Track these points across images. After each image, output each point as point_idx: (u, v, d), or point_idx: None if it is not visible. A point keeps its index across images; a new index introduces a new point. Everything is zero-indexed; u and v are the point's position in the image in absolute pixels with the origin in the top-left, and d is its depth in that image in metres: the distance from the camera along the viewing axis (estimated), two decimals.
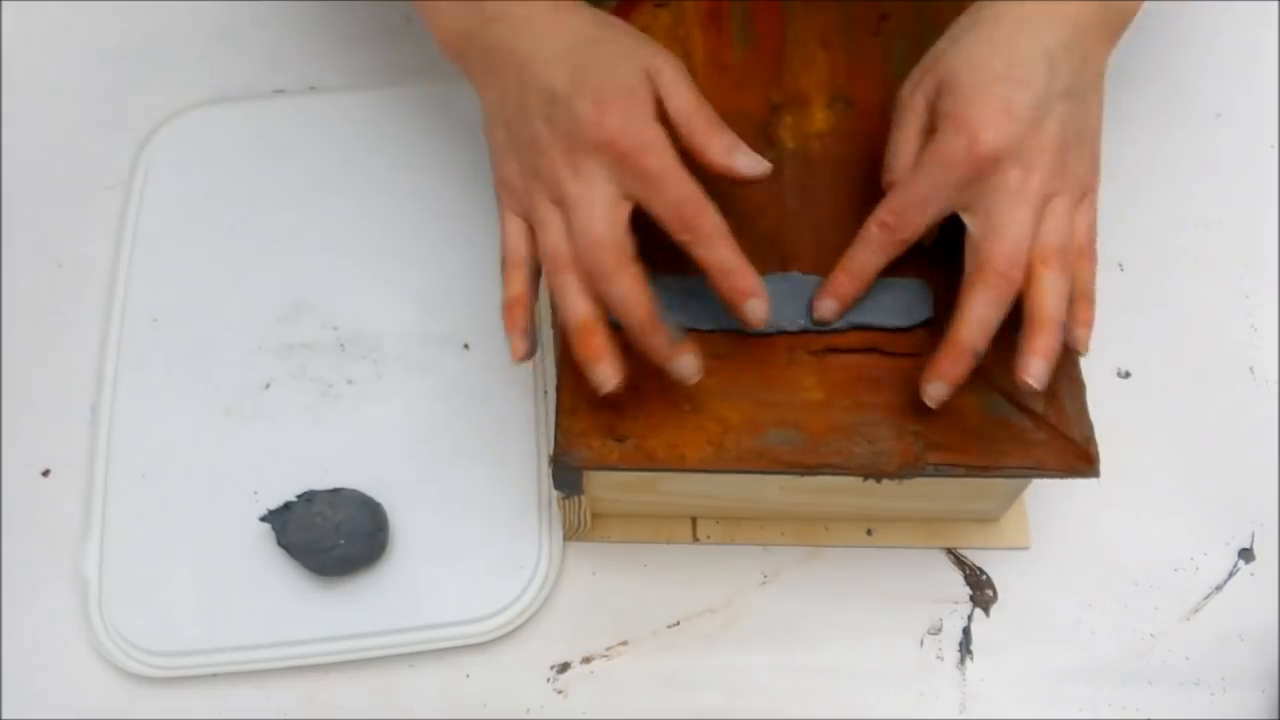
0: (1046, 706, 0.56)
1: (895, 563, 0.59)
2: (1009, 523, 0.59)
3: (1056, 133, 0.49)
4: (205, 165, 0.68)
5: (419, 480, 0.59)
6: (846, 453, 0.50)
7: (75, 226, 0.68)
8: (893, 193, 0.51)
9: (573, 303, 0.49)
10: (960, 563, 0.59)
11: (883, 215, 0.50)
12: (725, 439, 0.50)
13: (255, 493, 0.58)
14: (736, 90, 0.59)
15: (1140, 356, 0.64)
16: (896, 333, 0.53)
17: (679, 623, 0.58)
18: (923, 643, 0.57)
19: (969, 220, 0.49)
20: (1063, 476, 0.50)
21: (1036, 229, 0.49)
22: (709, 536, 0.59)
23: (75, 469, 0.60)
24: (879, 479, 0.51)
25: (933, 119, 0.50)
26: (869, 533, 0.59)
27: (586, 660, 0.57)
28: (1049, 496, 0.60)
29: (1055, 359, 0.48)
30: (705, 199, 0.48)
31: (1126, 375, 0.63)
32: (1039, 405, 0.51)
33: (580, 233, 0.48)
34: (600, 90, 0.48)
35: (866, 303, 0.53)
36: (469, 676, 0.56)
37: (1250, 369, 0.64)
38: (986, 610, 0.58)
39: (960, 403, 0.51)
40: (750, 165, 0.50)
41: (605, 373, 0.48)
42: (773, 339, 0.53)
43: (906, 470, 0.50)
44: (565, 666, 0.57)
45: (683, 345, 0.49)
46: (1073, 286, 0.50)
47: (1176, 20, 0.75)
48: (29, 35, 0.74)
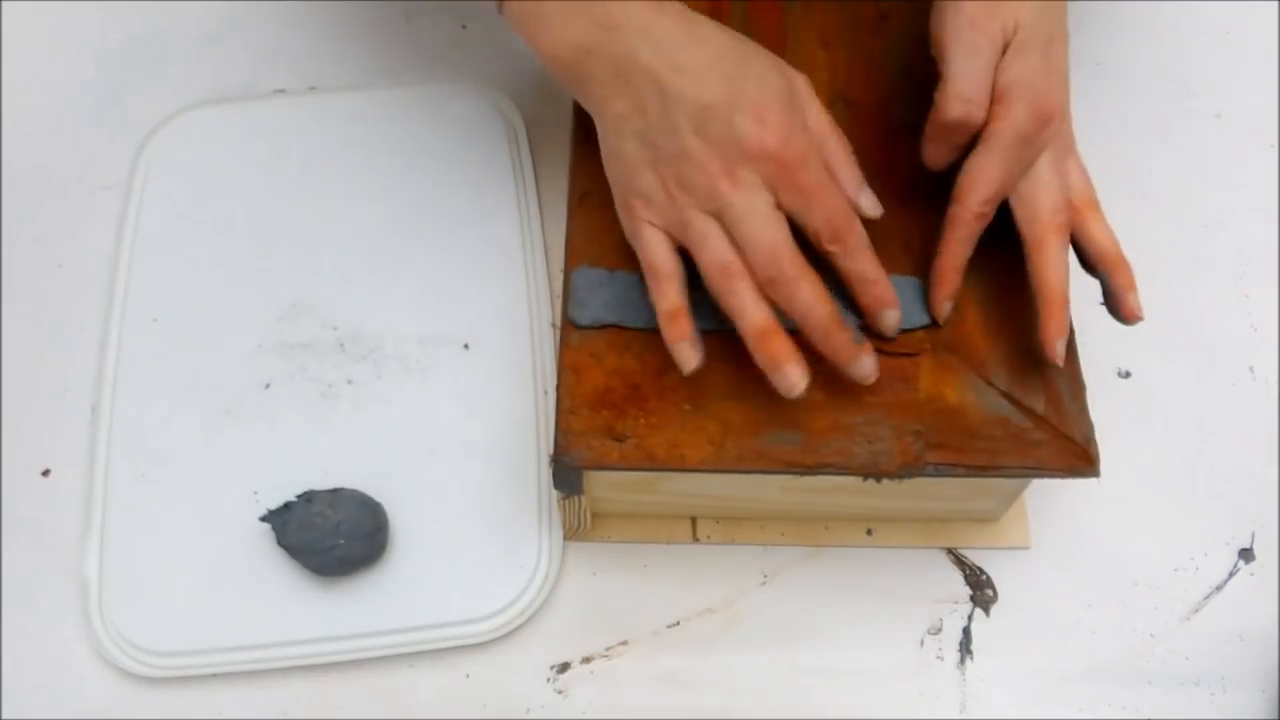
0: (1046, 706, 0.56)
1: (895, 563, 0.59)
2: (1009, 523, 0.59)
3: (1061, 80, 0.51)
4: (205, 165, 0.68)
5: (419, 480, 0.59)
6: (846, 453, 0.50)
7: (75, 226, 0.68)
8: (978, 180, 0.50)
9: (752, 310, 0.49)
10: (960, 563, 0.59)
11: (976, 207, 0.51)
12: (725, 439, 0.50)
13: (255, 493, 0.58)
14: None
15: (1140, 356, 0.64)
16: (896, 332, 0.53)
17: (679, 623, 0.58)
18: (923, 643, 0.57)
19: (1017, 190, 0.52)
20: (1063, 476, 0.50)
21: (1032, 187, 0.51)
22: (709, 536, 0.59)
23: (75, 469, 0.60)
24: (879, 479, 0.51)
25: (1001, 72, 0.50)
26: (869, 533, 0.59)
27: (586, 660, 0.57)
28: (1049, 496, 0.60)
29: (1066, 331, 0.51)
30: (853, 213, 0.50)
31: (1126, 375, 0.63)
32: (1039, 405, 0.51)
33: (756, 243, 0.48)
34: (759, 103, 0.48)
35: None
36: (469, 676, 0.56)
37: (1250, 369, 0.64)
38: (986, 610, 0.58)
39: (960, 403, 0.51)
40: (871, 206, 0.52)
41: (795, 375, 0.49)
42: None
43: (906, 470, 0.50)
44: (565, 666, 0.57)
45: (864, 345, 0.50)
46: (1103, 253, 0.52)
47: (1176, 20, 0.75)
48: (29, 35, 0.74)
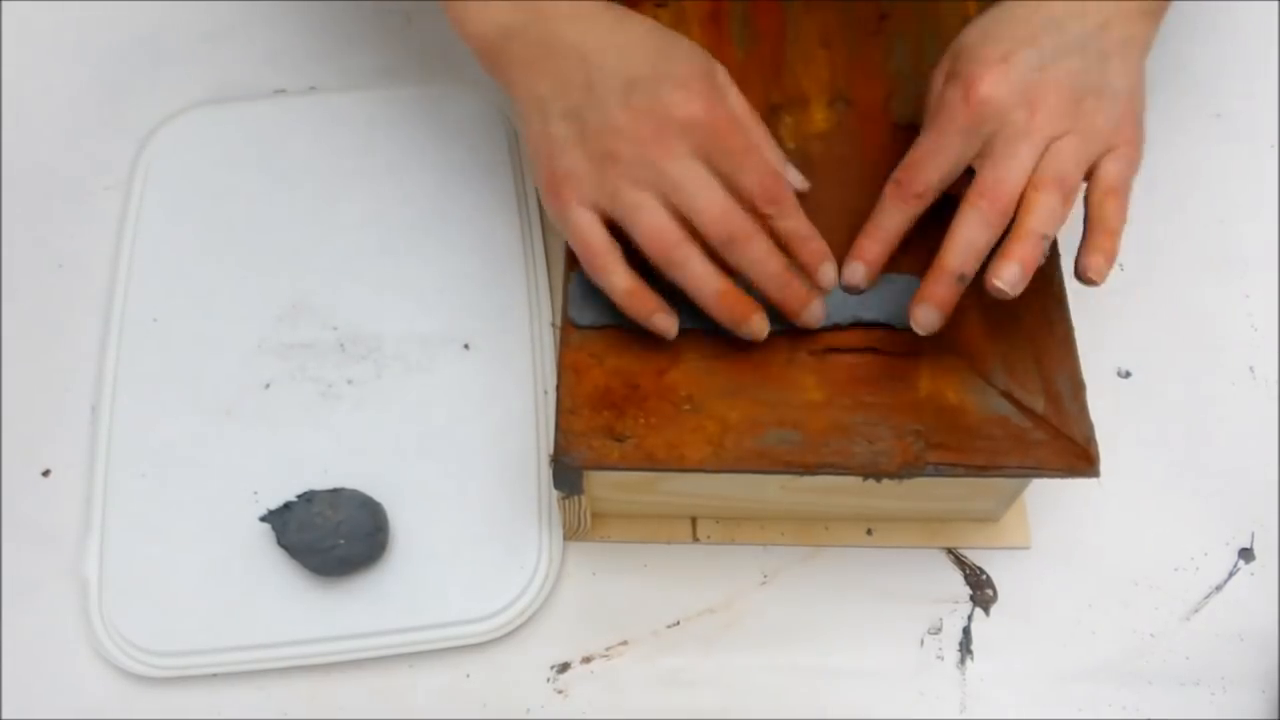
0: (1046, 706, 0.56)
1: (895, 563, 0.59)
2: (1009, 523, 0.59)
3: (1065, 81, 0.50)
4: (205, 165, 0.68)
5: (419, 480, 0.59)
6: (846, 453, 0.50)
7: (75, 226, 0.68)
8: (906, 157, 0.52)
9: (704, 272, 0.50)
10: (960, 563, 0.59)
11: (896, 174, 0.52)
12: (725, 439, 0.50)
13: (255, 493, 0.58)
14: None
15: (1140, 356, 0.64)
16: (896, 332, 0.53)
17: (679, 623, 0.58)
18: (923, 643, 0.57)
19: (975, 165, 0.51)
20: (1063, 476, 0.50)
21: (1037, 164, 0.50)
22: (709, 536, 0.59)
23: (75, 469, 0.60)
24: (879, 479, 0.51)
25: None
26: (869, 533, 0.59)
27: (586, 660, 0.57)
28: (1049, 496, 0.60)
29: (1030, 267, 0.49)
30: (781, 175, 0.51)
31: (1126, 375, 0.63)
32: (1039, 405, 0.51)
33: (704, 205, 0.49)
34: (683, 74, 0.50)
35: (868, 298, 0.53)
36: (469, 676, 0.56)
37: (1250, 369, 0.64)
38: (986, 610, 0.58)
39: (960, 403, 0.51)
40: (798, 180, 0.55)
41: (761, 321, 0.51)
42: (773, 339, 0.53)
43: (906, 470, 0.50)
44: (565, 666, 0.57)
45: (814, 291, 0.52)
46: (1095, 220, 0.50)
47: (1177, 20, 0.75)
48: (29, 35, 0.74)
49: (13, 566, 0.58)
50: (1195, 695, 0.56)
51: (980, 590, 0.58)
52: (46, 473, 0.61)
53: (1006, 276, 0.49)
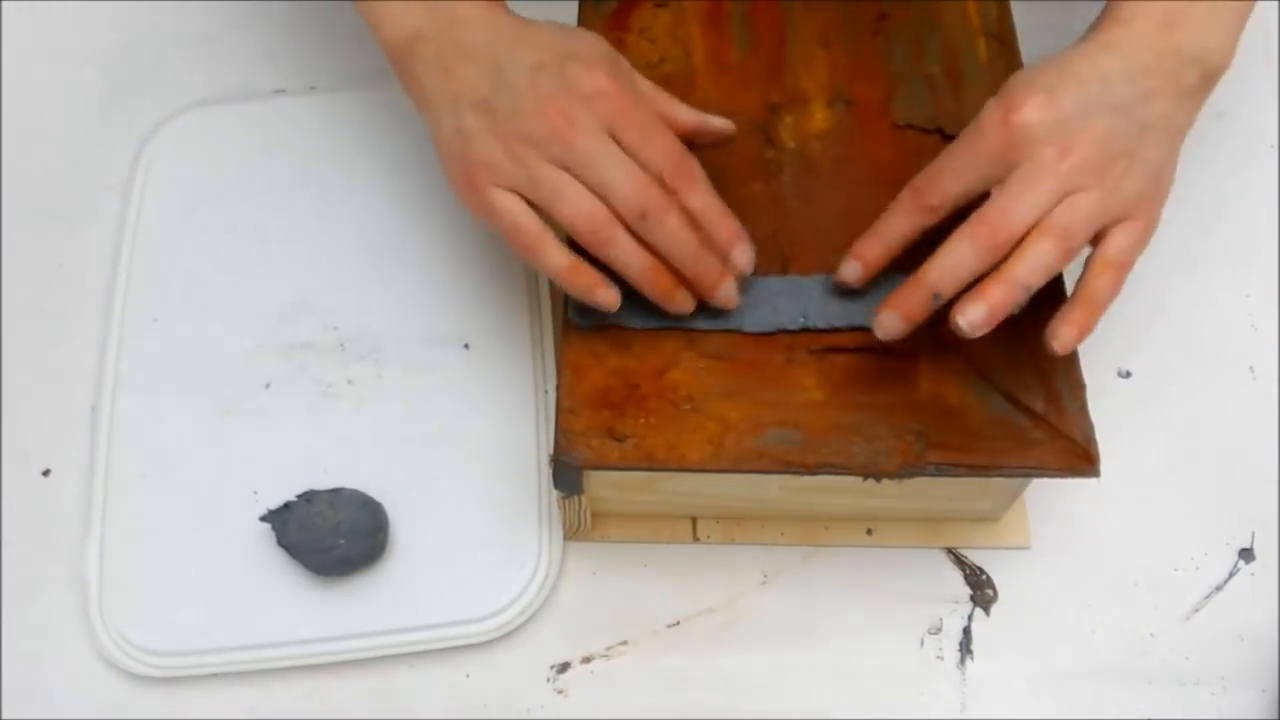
0: (1046, 706, 0.56)
1: (895, 563, 0.59)
2: (1009, 523, 0.59)
3: (1103, 134, 0.48)
4: (205, 165, 0.68)
5: (419, 480, 0.59)
6: (846, 452, 0.50)
7: (75, 226, 0.68)
8: (931, 165, 0.51)
9: (631, 250, 0.50)
10: (960, 563, 0.59)
11: (916, 180, 0.51)
12: (725, 438, 0.50)
13: (255, 493, 0.58)
14: (736, 90, 0.59)
15: (1140, 356, 0.64)
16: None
17: (679, 623, 0.58)
18: (923, 643, 0.57)
19: (992, 191, 0.49)
20: (1063, 476, 0.50)
21: (1050, 209, 0.48)
22: (709, 536, 0.59)
23: (75, 469, 0.60)
24: (879, 479, 0.51)
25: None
26: (869, 533, 0.59)
27: (586, 660, 0.57)
28: (1049, 496, 0.60)
29: (999, 313, 0.47)
30: (689, 152, 0.51)
31: (1127, 375, 0.63)
32: (1039, 405, 0.51)
33: (618, 180, 0.49)
34: (586, 54, 0.50)
35: (870, 300, 0.53)
36: (469, 676, 0.56)
37: (1250, 369, 0.64)
38: (986, 610, 0.58)
39: (960, 403, 0.51)
40: (723, 124, 0.54)
41: (685, 299, 0.52)
42: (773, 339, 0.53)
43: (906, 470, 0.50)
44: (565, 666, 0.57)
45: (728, 272, 0.51)
46: (1083, 289, 0.49)
47: None
48: (29, 35, 0.74)
49: (13, 566, 0.58)
50: (1195, 695, 0.56)
51: (980, 590, 0.58)
52: (46, 473, 0.61)
53: (971, 316, 0.47)
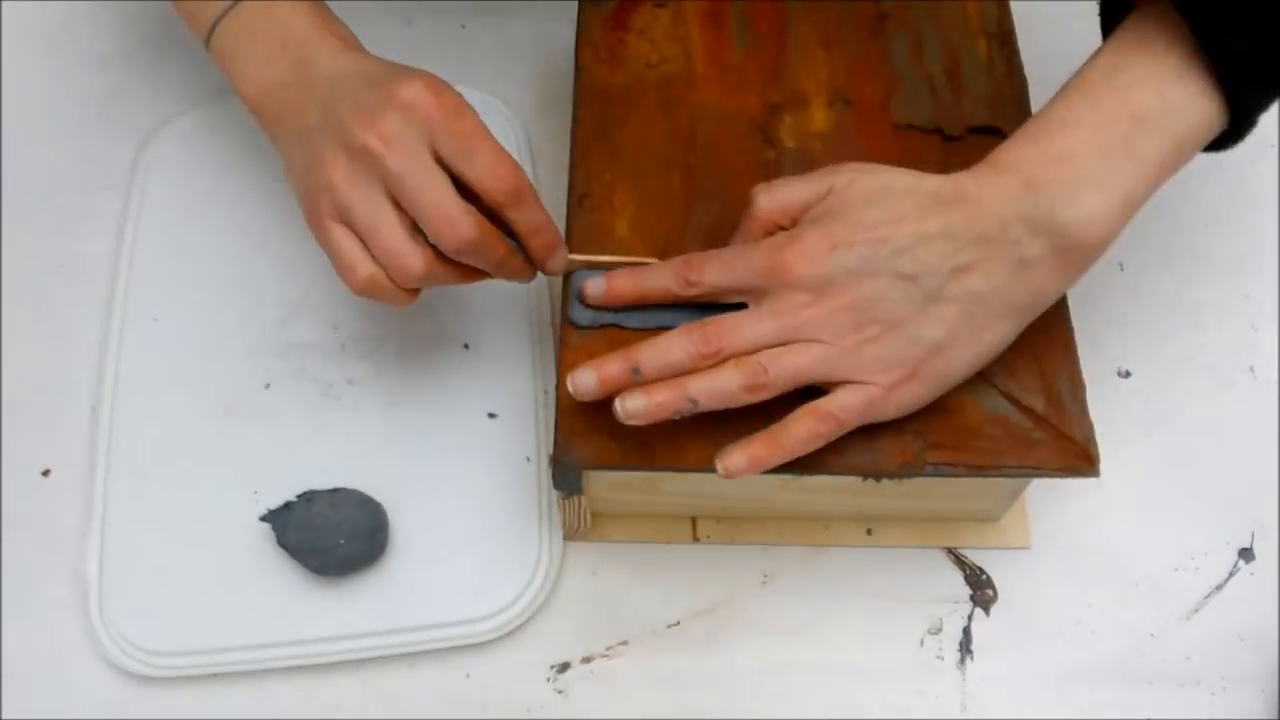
0: (1046, 706, 0.56)
1: (895, 563, 0.59)
2: (1009, 523, 0.59)
3: (867, 298, 0.47)
4: (205, 165, 0.68)
5: (419, 480, 0.59)
6: (846, 453, 0.50)
7: (75, 226, 0.68)
8: (714, 250, 0.51)
9: (447, 274, 0.51)
10: (960, 563, 0.59)
11: (694, 255, 0.51)
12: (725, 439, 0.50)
13: (255, 493, 0.58)
14: (736, 90, 0.59)
15: (1140, 356, 0.64)
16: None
17: (679, 623, 0.58)
18: (923, 643, 0.57)
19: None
20: (1063, 476, 0.50)
21: (770, 344, 0.48)
22: (709, 536, 0.59)
23: (75, 469, 0.60)
24: (879, 479, 0.51)
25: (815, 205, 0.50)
26: (869, 533, 0.59)
27: (586, 660, 0.57)
28: (1049, 496, 0.60)
29: (658, 414, 0.47)
30: (516, 163, 0.50)
31: (1126, 375, 0.63)
32: (1039, 405, 0.51)
33: (431, 215, 0.48)
34: (410, 71, 0.50)
35: None
36: (469, 676, 0.56)
37: (1250, 369, 0.64)
38: (986, 610, 0.58)
39: (960, 403, 0.51)
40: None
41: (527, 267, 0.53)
42: None
43: (906, 470, 0.50)
44: (565, 666, 0.57)
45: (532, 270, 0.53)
46: (775, 426, 0.48)
47: None
48: (29, 36, 0.74)
49: (13, 566, 0.58)
50: (1195, 695, 0.56)
51: (980, 590, 0.58)
52: (46, 473, 0.61)
53: (629, 405, 0.47)
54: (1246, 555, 0.59)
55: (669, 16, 0.61)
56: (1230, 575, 0.59)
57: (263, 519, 0.56)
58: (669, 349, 0.48)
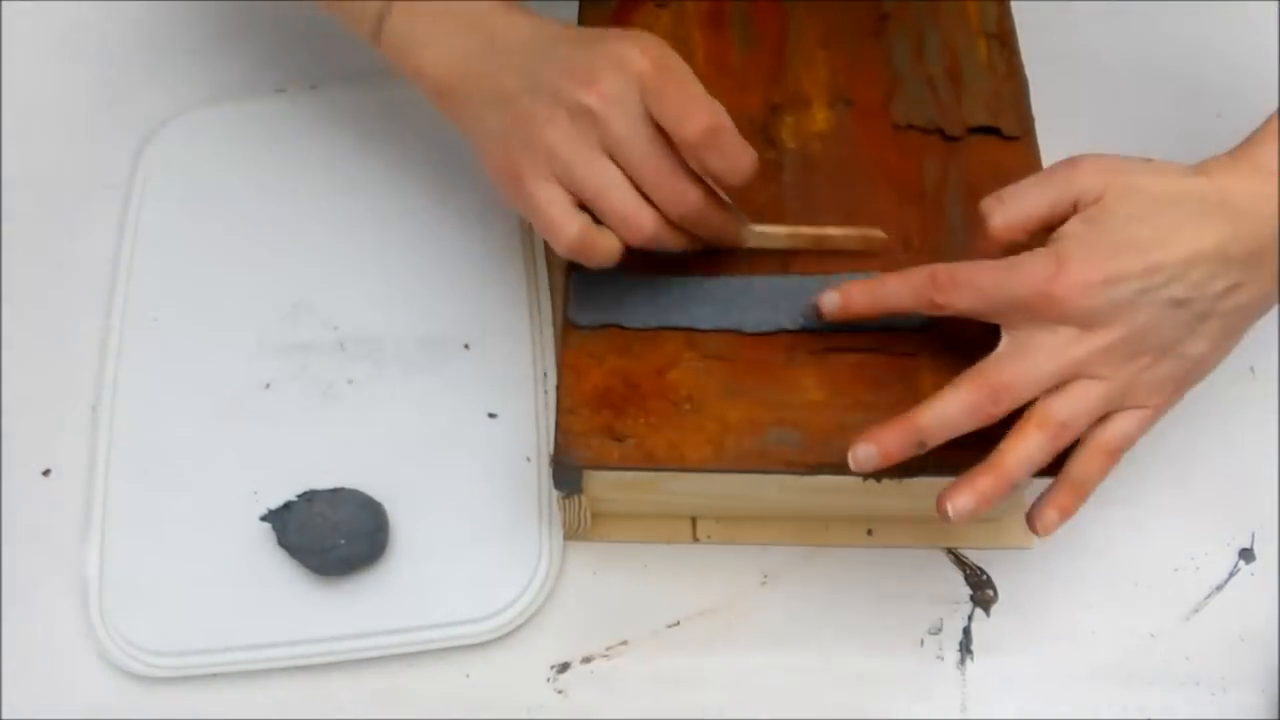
0: (1046, 706, 0.56)
1: (895, 563, 0.59)
2: (1009, 523, 0.59)
3: (1142, 328, 0.46)
4: (205, 165, 0.68)
5: (419, 480, 0.59)
6: (846, 453, 0.50)
7: (75, 226, 0.68)
8: (965, 262, 0.48)
9: (670, 237, 0.51)
10: (960, 563, 0.59)
11: (941, 271, 0.48)
12: (725, 439, 0.50)
13: (255, 493, 0.58)
14: (737, 90, 0.59)
15: None
16: (896, 333, 0.53)
17: (679, 623, 0.58)
18: (923, 643, 0.57)
19: (1004, 335, 0.47)
20: None
21: (1053, 391, 0.47)
22: (709, 536, 0.59)
23: (75, 469, 0.60)
24: (879, 479, 0.51)
25: (1062, 218, 0.47)
26: (869, 533, 0.59)
27: (586, 660, 0.57)
28: None
29: (986, 503, 0.46)
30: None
31: None
32: None
33: (647, 178, 0.48)
34: (621, 31, 0.49)
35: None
36: (469, 676, 0.56)
37: (1250, 369, 0.64)
38: (987, 610, 0.58)
39: None
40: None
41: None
42: (773, 338, 0.53)
43: (906, 470, 0.50)
44: (565, 666, 0.57)
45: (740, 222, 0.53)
46: (1071, 471, 0.48)
47: (1177, 20, 0.75)
48: (29, 35, 0.74)
49: (13, 566, 0.58)
50: (1195, 695, 0.56)
51: (980, 590, 0.58)
52: (46, 473, 0.61)
53: (960, 506, 0.46)
54: (1247, 556, 0.59)
55: (669, 17, 0.61)
56: (1230, 576, 0.59)
57: (263, 519, 0.56)
58: (946, 409, 0.46)
